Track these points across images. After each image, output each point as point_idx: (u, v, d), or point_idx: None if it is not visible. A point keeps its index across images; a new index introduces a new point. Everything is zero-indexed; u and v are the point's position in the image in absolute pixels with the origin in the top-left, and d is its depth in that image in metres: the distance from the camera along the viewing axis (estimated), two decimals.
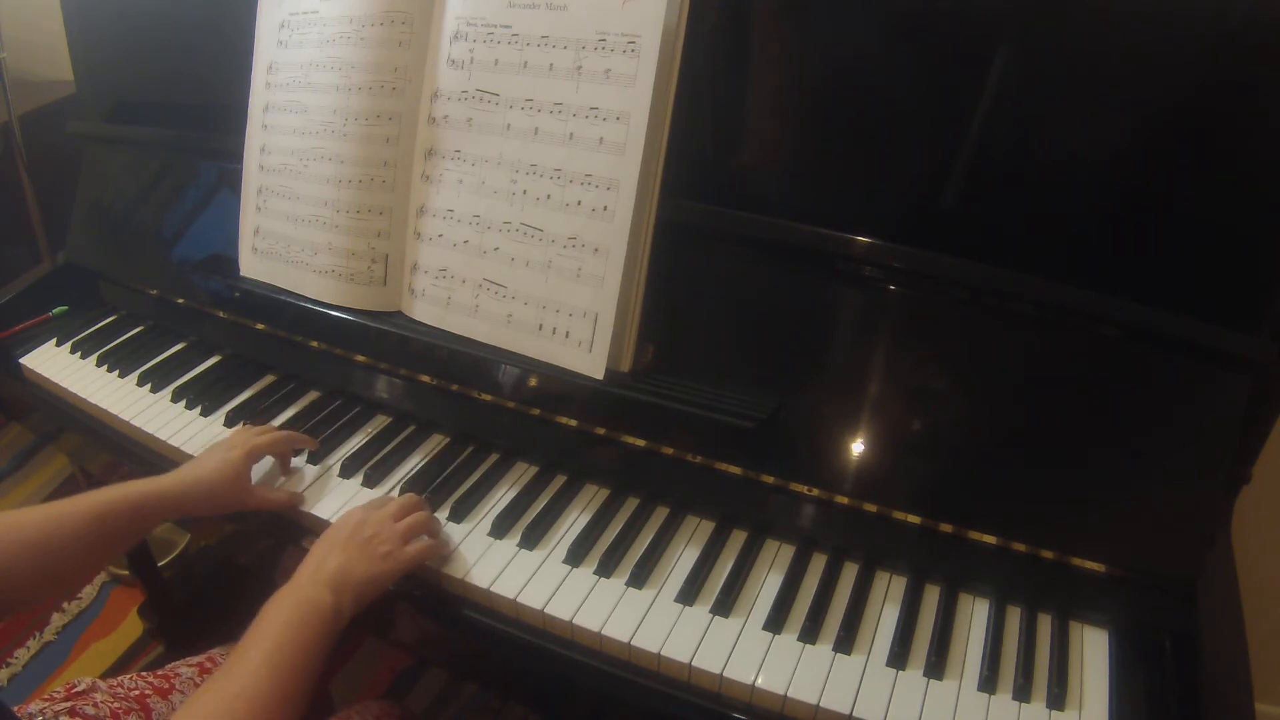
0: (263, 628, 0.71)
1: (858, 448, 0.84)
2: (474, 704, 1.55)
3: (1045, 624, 0.81)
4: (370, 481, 0.97)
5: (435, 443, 1.03)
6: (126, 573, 1.77)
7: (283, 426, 1.04)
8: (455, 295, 0.98)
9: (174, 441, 1.04)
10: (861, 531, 0.85)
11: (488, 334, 0.96)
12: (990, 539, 0.81)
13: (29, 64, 1.68)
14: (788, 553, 0.88)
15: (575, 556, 0.86)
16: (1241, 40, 0.72)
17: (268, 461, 0.99)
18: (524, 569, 0.85)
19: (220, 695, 0.66)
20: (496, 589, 0.83)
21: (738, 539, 0.89)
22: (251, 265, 1.13)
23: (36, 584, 0.78)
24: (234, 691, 0.66)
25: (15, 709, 0.79)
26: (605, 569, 0.85)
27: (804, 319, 0.87)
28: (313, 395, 1.12)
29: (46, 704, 0.83)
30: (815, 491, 0.85)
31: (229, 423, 1.07)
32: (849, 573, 0.86)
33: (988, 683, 0.75)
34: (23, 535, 0.77)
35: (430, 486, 0.95)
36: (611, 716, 0.86)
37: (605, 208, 0.87)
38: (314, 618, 0.73)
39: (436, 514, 0.90)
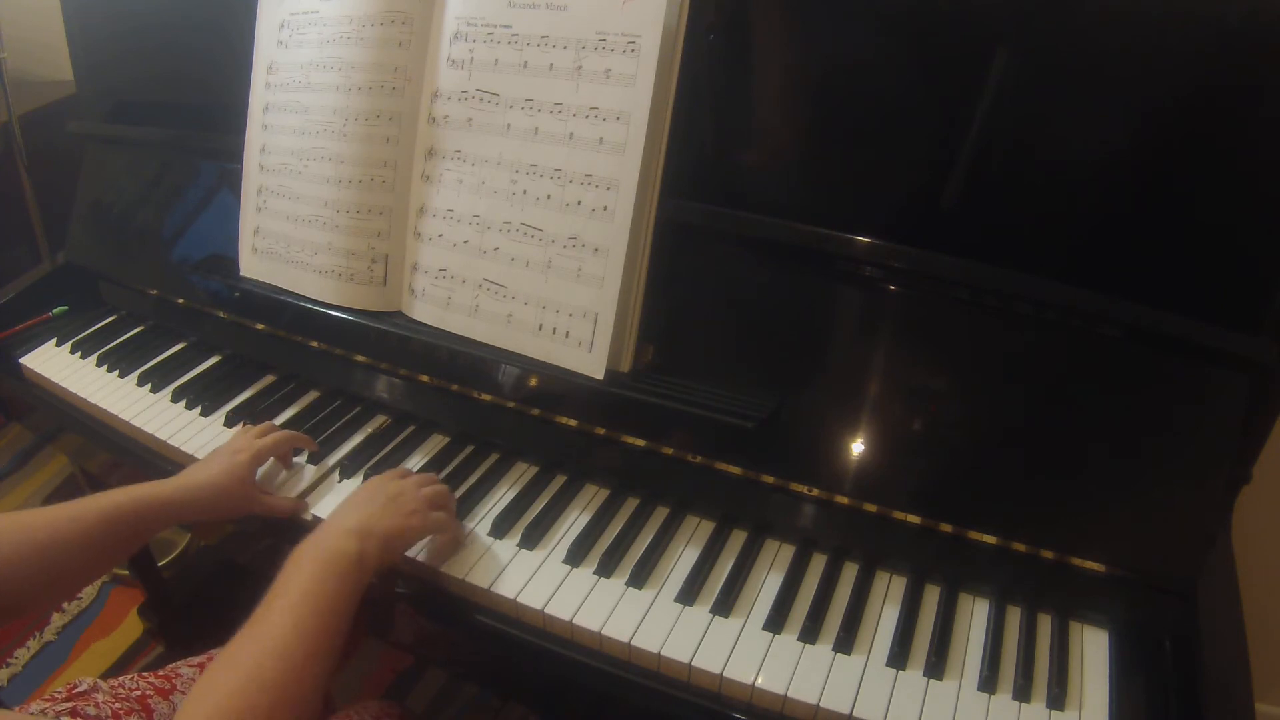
0: (287, 580, 0.71)
1: (857, 448, 0.84)
2: (474, 704, 1.55)
3: (1045, 624, 0.81)
4: None
5: (435, 443, 1.03)
6: (126, 573, 1.77)
7: (283, 426, 1.03)
8: (455, 295, 0.97)
9: (174, 441, 1.04)
10: (861, 531, 0.85)
11: (488, 334, 0.96)
12: (990, 539, 0.81)
13: (29, 64, 1.68)
14: (788, 553, 0.88)
15: (575, 556, 0.86)
16: (1241, 40, 0.72)
17: (269, 461, 0.99)
18: (524, 569, 0.85)
19: (247, 650, 0.65)
20: (497, 589, 0.83)
21: (738, 539, 0.89)
22: (251, 265, 1.13)
23: (42, 586, 0.78)
24: (261, 646, 0.65)
25: (16, 709, 0.79)
26: (605, 569, 0.85)
27: (804, 319, 0.87)
28: (313, 395, 1.12)
29: (48, 704, 0.82)
30: (815, 491, 0.85)
31: (229, 423, 1.07)
32: (849, 573, 0.86)
33: (988, 683, 0.75)
34: (31, 537, 0.77)
35: None
36: (611, 716, 0.86)
37: (605, 208, 0.87)
38: (337, 565, 0.72)
39: None
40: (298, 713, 0.64)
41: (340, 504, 0.84)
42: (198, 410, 1.09)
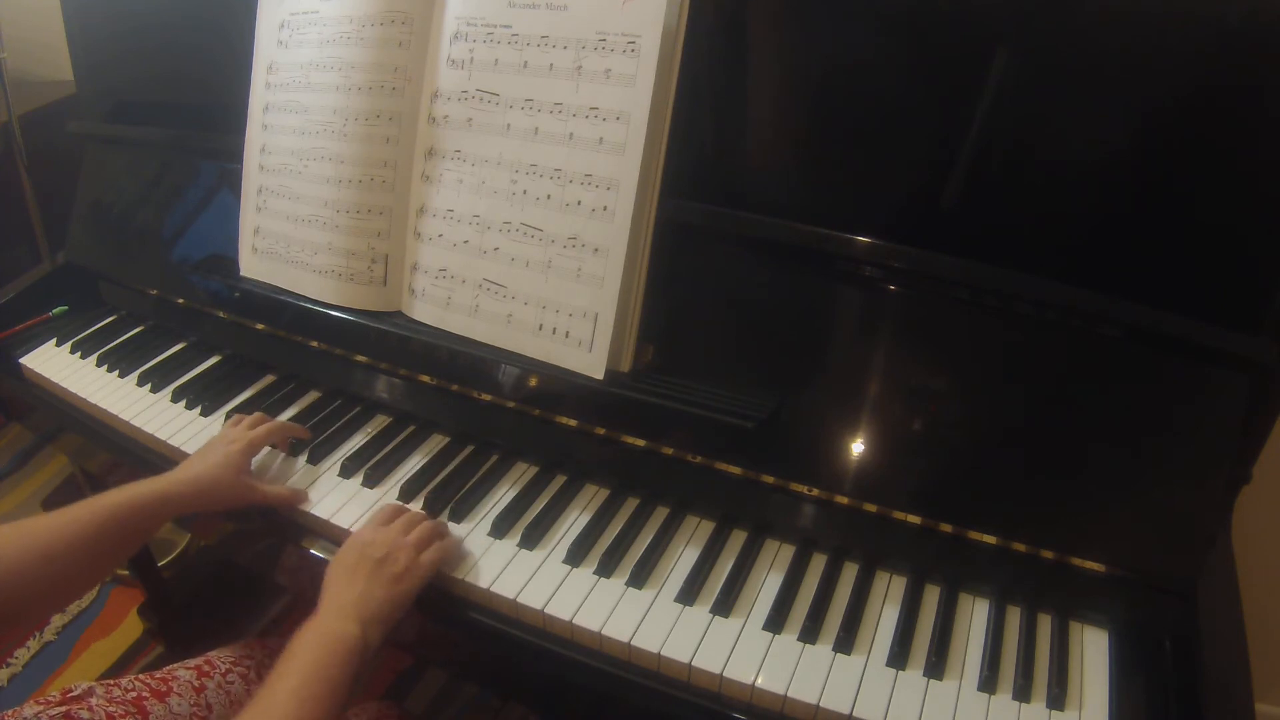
0: (291, 662, 0.72)
1: (857, 447, 0.84)
2: (474, 704, 1.55)
3: (1045, 624, 0.81)
4: (370, 481, 0.97)
5: (435, 443, 1.03)
6: (126, 573, 1.77)
7: None
8: (455, 295, 0.97)
9: (174, 441, 1.04)
10: (861, 531, 0.85)
11: (488, 334, 0.96)
12: (990, 539, 0.81)
13: (29, 64, 1.68)
14: (788, 553, 0.88)
15: (575, 556, 0.86)
16: (1241, 40, 0.72)
17: (266, 458, 0.99)
18: (524, 569, 0.85)
19: None
20: (497, 589, 0.83)
21: (738, 539, 0.89)
22: (251, 265, 1.13)
23: (46, 592, 0.79)
24: None
25: (11, 712, 0.79)
26: (605, 569, 0.85)
27: (804, 319, 0.87)
28: (313, 395, 1.12)
29: (42, 708, 0.82)
30: (815, 491, 0.85)
31: None
32: (849, 573, 0.86)
33: (988, 683, 0.75)
34: (34, 543, 0.77)
35: (430, 486, 0.95)
36: (611, 716, 0.86)
37: (605, 208, 0.87)
38: (339, 650, 0.73)
39: (438, 516, 0.91)
40: None
41: (330, 568, 0.82)
42: (198, 410, 1.09)
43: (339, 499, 0.95)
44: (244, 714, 0.68)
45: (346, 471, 0.98)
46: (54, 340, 1.25)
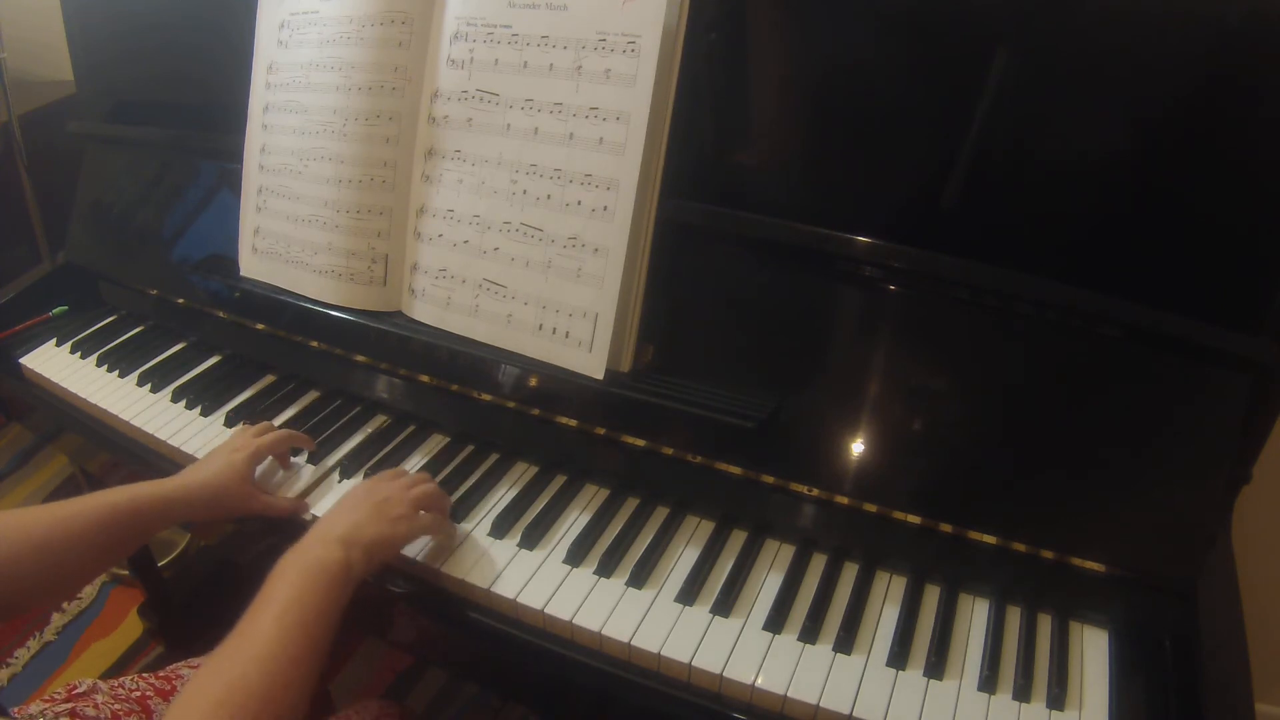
0: (272, 589, 0.71)
1: (857, 447, 0.84)
2: (474, 704, 1.55)
3: (1045, 624, 0.81)
4: None
5: (435, 443, 1.03)
6: (126, 573, 1.77)
7: (283, 427, 1.04)
8: (455, 295, 0.98)
9: (174, 441, 1.04)
10: (861, 531, 0.85)
11: (488, 334, 0.96)
12: (990, 539, 0.81)
13: (29, 64, 1.68)
14: (788, 553, 0.88)
15: (575, 556, 0.86)
16: (1241, 39, 0.72)
17: (267, 460, 0.99)
18: (524, 569, 0.85)
19: (233, 659, 0.65)
20: (496, 589, 0.83)
21: (738, 539, 0.89)
22: (251, 265, 1.13)
23: (40, 585, 0.78)
24: (246, 655, 0.65)
25: (16, 710, 0.79)
26: (605, 569, 0.85)
27: (804, 319, 0.87)
28: (313, 395, 1.12)
29: (47, 705, 0.82)
30: (815, 491, 0.85)
31: (229, 423, 1.07)
32: (849, 573, 0.86)
33: (988, 683, 0.75)
34: (29, 535, 0.77)
35: None
36: (611, 716, 0.86)
37: (605, 208, 0.87)
38: (322, 575, 0.72)
39: None
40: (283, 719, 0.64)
41: (330, 509, 0.84)
42: (198, 410, 1.09)
43: (338, 499, 0.94)
44: (227, 644, 0.67)
45: (346, 472, 0.98)
46: (54, 340, 1.25)
